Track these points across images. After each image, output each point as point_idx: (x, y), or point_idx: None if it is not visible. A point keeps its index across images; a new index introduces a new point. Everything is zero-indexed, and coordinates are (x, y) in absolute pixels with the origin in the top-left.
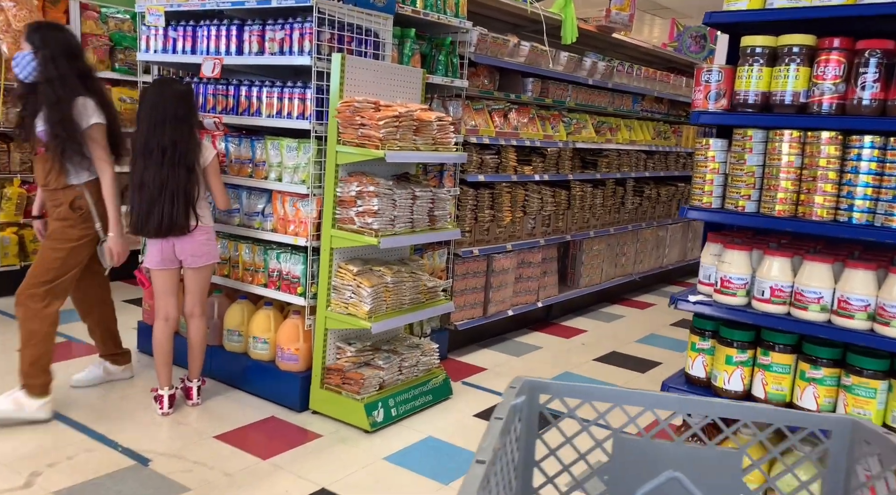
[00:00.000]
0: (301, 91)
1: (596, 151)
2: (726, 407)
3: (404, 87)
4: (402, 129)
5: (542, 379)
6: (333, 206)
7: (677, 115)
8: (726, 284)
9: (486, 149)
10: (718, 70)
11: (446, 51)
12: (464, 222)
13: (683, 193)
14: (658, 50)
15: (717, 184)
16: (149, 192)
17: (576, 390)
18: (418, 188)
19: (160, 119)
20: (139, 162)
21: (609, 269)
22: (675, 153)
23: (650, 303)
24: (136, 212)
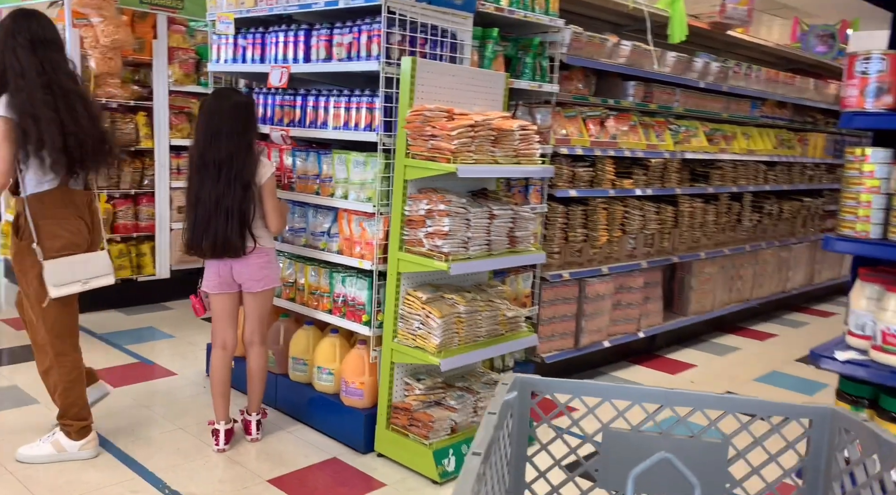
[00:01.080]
0: (369, 100)
1: (708, 162)
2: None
3: (484, 94)
4: (478, 140)
5: (533, 377)
6: (401, 227)
7: (803, 121)
8: (890, 339)
9: (579, 160)
10: (881, 57)
11: (534, 52)
12: (552, 242)
13: (810, 209)
14: (781, 48)
15: (877, 208)
16: (204, 209)
17: (566, 386)
18: (497, 206)
19: (216, 132)
20: (195, 177)
21: (722, 295)
22: (800, 164)
23: (770, 333)
24: (191, 229)
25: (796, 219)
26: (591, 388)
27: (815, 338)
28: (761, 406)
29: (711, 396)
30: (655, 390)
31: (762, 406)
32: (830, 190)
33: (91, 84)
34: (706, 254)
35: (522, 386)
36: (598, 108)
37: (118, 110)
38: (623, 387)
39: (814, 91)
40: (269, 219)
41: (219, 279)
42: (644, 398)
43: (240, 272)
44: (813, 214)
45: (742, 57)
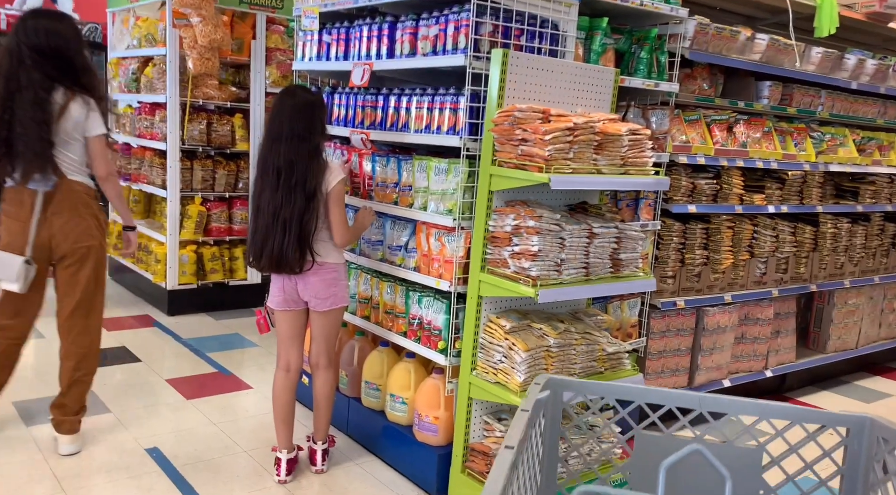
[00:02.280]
0: (454, 99)
1: (857, 176)
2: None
3: (588, 92)
4: (578, 146)
5: (565, 377)
6: (484, 244)
7: None
8: None
9: (701, 171)
10: None
11: (651, 46)
12: (665, 265)
13: None
14: None
15: None
16: (263, 220)
17: (598, 387)
18: (598, 223)
19: (277, 135)
20: (258, 182)
21: (870, 330)
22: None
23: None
24: (251, 241)
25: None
26: (622, 390)
27: None
28: (797, 413)
29: (747, 402)
30: (689, 394)
31: (798, 413)
32: None
33: (189, 85)
34: (851, 282)
35: (554, 386)
36: (725, 111)
37: (215, 112)
38: (655, 390)
39: None
40: (336, 232)
41: (283, 295)
42: (677, 401)
43: (304, 289)
44: None
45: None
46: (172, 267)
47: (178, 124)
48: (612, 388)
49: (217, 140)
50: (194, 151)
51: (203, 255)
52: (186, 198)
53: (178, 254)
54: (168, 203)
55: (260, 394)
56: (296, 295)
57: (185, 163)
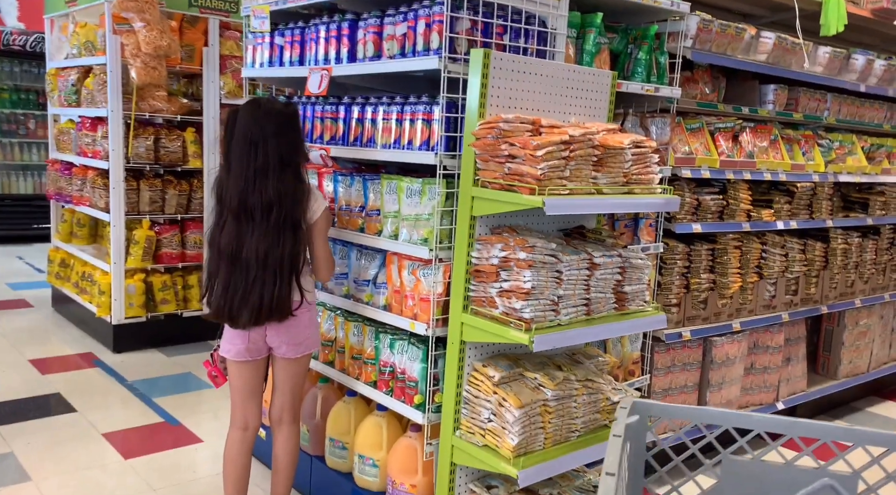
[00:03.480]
0: (427, 109)
1: (865, 187)
2: (840, 431)
3: (583, 99)
4: (575, 162)
5: (651, 401)
6: (466, 279)
7: None
8: None
9: (705, 185)
10: None
11: (649, 46)
12: (669, 292)
13: None
14: None
15: None
16: (247, 268)
17: (684, 412)
18: (599, 251)
19: (262, 166)
20: (233, 226)
21: (881, 351)
22: None
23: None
24: (224, 293)
25: None
26: (710, 415)
27: None
28: (894, 440)
29: (840, 428)
30: (779, 419)
31: (894, 440)
32: None
33: (133, 97)
34: (862, 301)
35: (641, 411)
36: (729, 118)
37: (164, 126)
38: (744, 415)
39: None
40: (322, 267)
41: (246, 344)
42: (766, 426)
43: (276, 335)
44: None
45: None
46: (118, 298)
47: (121, 140)
48: (700, 413)
49: (166, 157)
50: (141, 170)
51: (153, 285)
52: (133, 222)
53: (125, 285)
54: (111, 228)
55: (211, 450)
56: (262, 343)
57: (130, 184)
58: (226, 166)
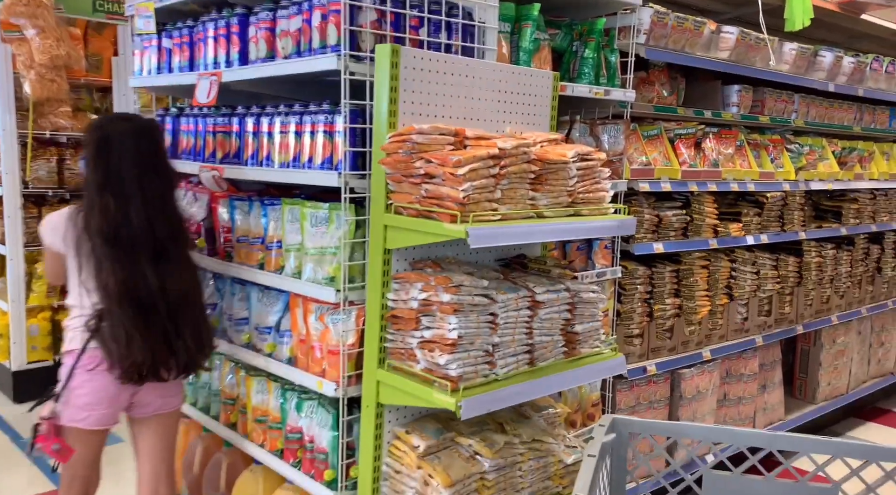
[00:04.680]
0: (328, 118)
1: (837, 194)
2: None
3: (518, 105)
4: (508, 180)
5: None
6: (382, 327)
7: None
8: None
9: (667, 199)
10: None
11: (597, 43)
12: (630, 322)
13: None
14: None
15: None
16: (165, 309)
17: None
18: (542, 286)
19: (161, 189)
20: (138, 260)
21: (859, 370)
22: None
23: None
24: (129, 349)
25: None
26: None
27: None
28: (873, 451)
29: (819, 440)
30: (759, 433)
31: (874, 451)
32: None
33: (30, 113)
34: (838, 317)
35: (620, 428)
36: (690, 123)
37: (68, 146)
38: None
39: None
40: None
41: (112, 407)
42: (747, 441)
43: (155, 388)
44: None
45: (878, 50)
46: (18, 341)
47: (17, 163)
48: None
49: (72, 180)
50: (43, 195)
51: (59, 324)
52: (35, 254)
53: (26, 325)
54: (8, 262)
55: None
56: (127, 401)
57: (30, 211)
58: (111, 194)
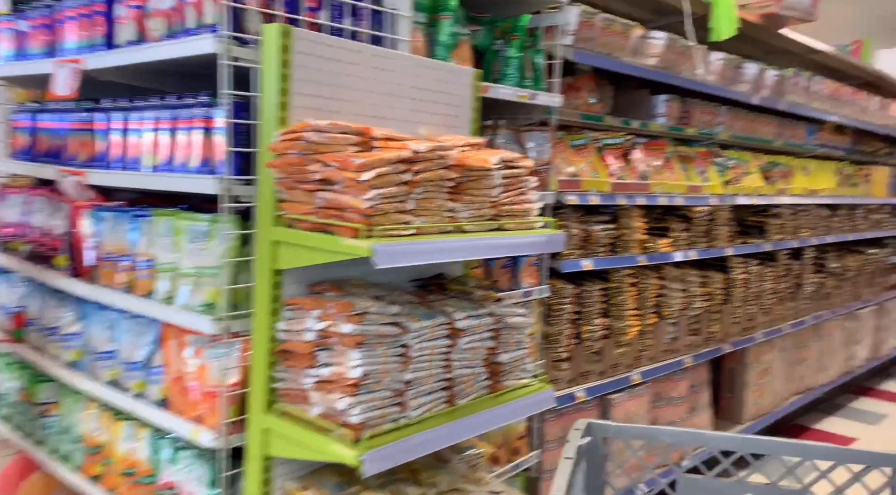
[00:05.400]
0: (206, 112)
1: (761, 209)
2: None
3: (435, 103)
4: (423, 188)
5: (604, 422)
6: (271, 363)
7: (862, 152)
8: None
9: (595, 213)
10: None
11: (521, 42)
12: (557, 344)
13: (877, 263)
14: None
15: None
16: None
17: (640, 432)
18: (463, 311)
19: None
20: None
21: (782, 387)
22: (863, 206)
23: (847, 435)
24: None
25: (860, 278)
26: (665, 434)
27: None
28: (841, 453)
29: (788, 443)
30: (731, 436)
31: (842, 453)
32: (893, 237)
33: None
34: (763, 334)
35: (595, 432)
36: (619, 133)
37: None
38: (698, 433)
39: (878, 112)
40: None
41: None
42: (719, 444)
43: None
44: (877, 270)
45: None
46: None
47: None
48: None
49: None
50: None
51: None
52: None
53: None
54: None
55: None
56: None
57: None
58: None
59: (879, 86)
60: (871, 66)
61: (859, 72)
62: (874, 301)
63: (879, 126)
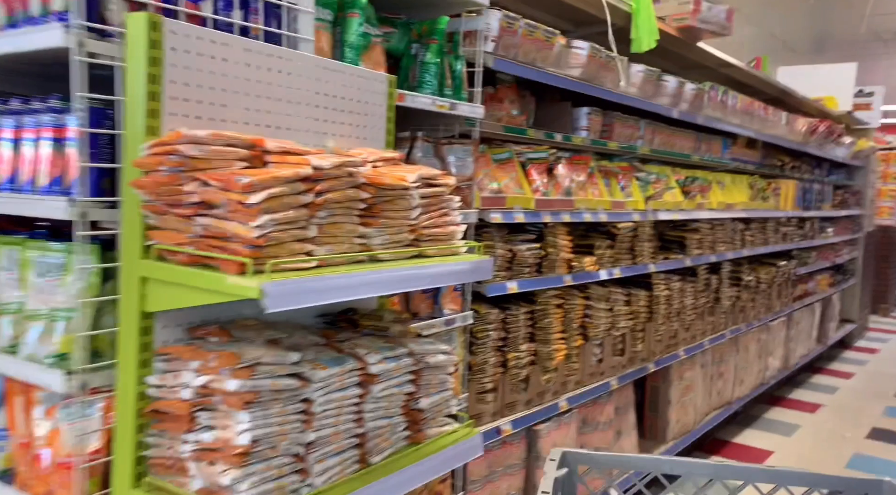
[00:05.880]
0: (56, 121)
1: (680, 224)
2: (761, 473)
3: (344, 113)
4: (327, 212)
5: (580, 450)
6: (139, 426)
7: (771, 166)
8: None
9: (520, 231)
10: None
11: (440, 46)
12: (483, 374)
13: (786, 275)
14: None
15: None
16: None
17: (615, 460)
18: (377, 354)
19: None
20: None
21: (703, 402)
22: (774, 219)
23: (764, 448)
24: None
25: (772, 290)
26: (640, 462)
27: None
28: (815, 479)
29: (762, 469)
30: (705, 463)
31: (816, 479)
32: (799, 249)
33: None
34: (685, 351)
35: (571, 462)
36: (542, 146)
37: None
38: (674, 460)
39: (785, 127)
40: None
41: None
42: (694, 471)
43: None
44: (786, 281)
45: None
46: None
47: None
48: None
49: None
50: None
51: None
52: None
53: None
54: None
55: None
56: None
57: None
58: None
59: (783, 101)
60: (779, 82)
61: (767, 87)
62: (784, 311)
63: (787, 141)
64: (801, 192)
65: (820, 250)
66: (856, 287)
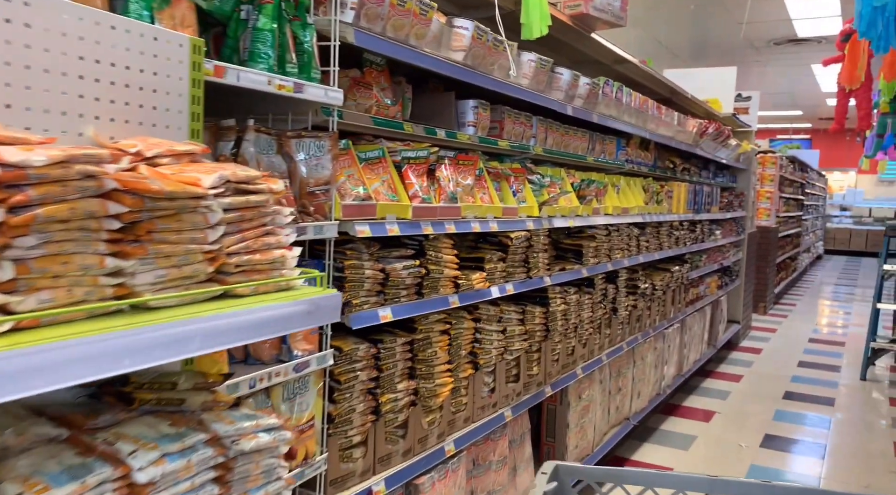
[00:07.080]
0: None
1: (576, 231)
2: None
3: (122, 88)
4: (40, 237)
5: (573, 464)
6: None
7: (664, 167)
8: None
9: (394, 246)
10: None
11: (276, 8)
12: (349, 426)
13: (680, 280)
14: (646, 69)
15: None
16: None
17: (608, 474)
18: (152, 452)
19: None
20: None
21: (602, 421)
22: (668, 223)
23: (662, 464)
24: None
25: (667, 296)
26: (633, 476)
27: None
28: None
29: (757, 484)
30: (700, 477)
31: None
32: (691, 253)
33: None
34: (583, 368)
35: (563, 475)
36: (421, 144)
37: None
38: (667, 475)
39: (677, 127)
40: None
41: None
42: (688, 486)
43: None
44: (680, 286)
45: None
46: None
47: None
48: (624, 475)
49: None
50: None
51: None
52: None
53: None
54: None
55: None
56: None
57: None
58: None
59: (673, 101)
60: (670, 81)
61: (659, 86)
62: (679, 317)
63: (679, 142)
64: (693, 195)
65: (709, 253)
66: (740, 288)
